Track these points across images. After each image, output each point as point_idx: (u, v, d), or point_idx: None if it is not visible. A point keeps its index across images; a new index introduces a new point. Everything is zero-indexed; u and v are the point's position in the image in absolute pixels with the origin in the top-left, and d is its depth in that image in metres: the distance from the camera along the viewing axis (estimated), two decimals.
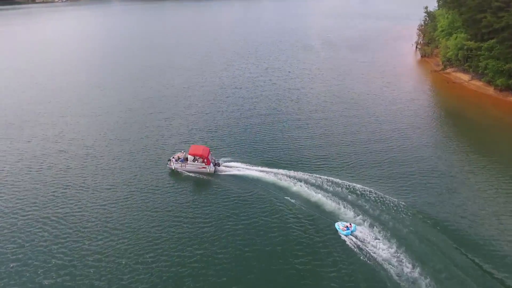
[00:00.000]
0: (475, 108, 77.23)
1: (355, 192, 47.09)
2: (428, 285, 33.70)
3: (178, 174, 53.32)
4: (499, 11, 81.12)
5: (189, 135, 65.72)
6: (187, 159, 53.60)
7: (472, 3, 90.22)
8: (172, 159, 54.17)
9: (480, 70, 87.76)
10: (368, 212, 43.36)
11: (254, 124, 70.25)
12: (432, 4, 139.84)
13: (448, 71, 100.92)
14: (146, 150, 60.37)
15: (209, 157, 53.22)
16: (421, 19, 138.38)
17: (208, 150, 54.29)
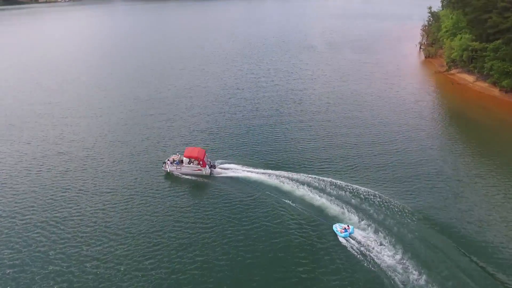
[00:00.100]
0: (481, 109, 76.14)
1: (359, 196, 46.17)
2: None
3: (173, 177, 52.47)
4: (505, 12, 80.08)
5: (190, 137, 64.91)
6: (182, 161, 52.79)
7: (478, 4, 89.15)
8: (167, 161, 53.31)
9: (485, 71, 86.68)
10: (373, 216, 42.44)
11: (255, 125, 69.40)
12: (435, 4, 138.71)
13: (453, 72, 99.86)
14: (146, 152, 59.59)
15: (204, 159, 52.39)
16: (424, 20, 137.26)
17: (204, 152, 53.44)
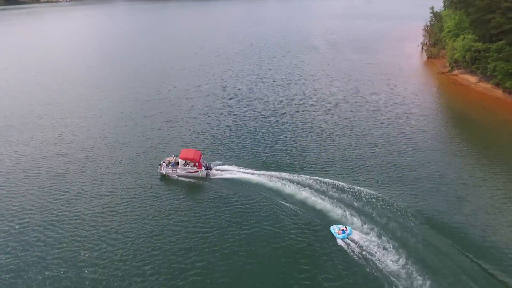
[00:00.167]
0: (484, 111, 75.34)
1: (361, 199, 45.40)
2: None
3: (169, 179, 51.82)
4: (508, 12, 79.17)
5: (190, 138, 64.29)
6: (178, 163, 52.19)
7: (481, 4, 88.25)
8: (162, 163, 52.68)
9: (488, 72, 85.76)
10: (375, 219, 41.70)
11: (256, 126, 68.76)
12: (437, 4, 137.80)
13: (455, 72, 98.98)
14: (146, 154, 58.97)
15: (200, 160, 51.76)
16: (426, 20, 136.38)
17: (200, 154, 52.83)
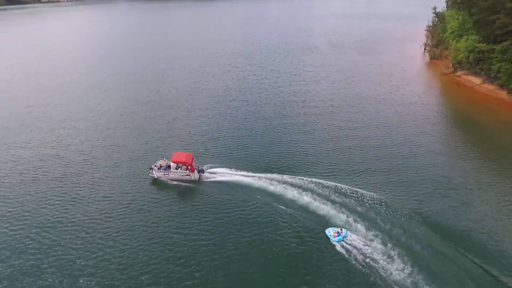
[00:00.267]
0: (488, 113, 74.15)
1: (364, 204, 44.34)
2: None
3: (161, 183, 50.67)
4: None
5: (190, 142, 63.22)
6: (169, 166, 51.18)
7: (485, 4, 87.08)
8: (154, 167, 51.62)
9: (492, 74, 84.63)
10: (379, 225, 40.66)
11: (256, 128, 67.77)
12: (439, 4, 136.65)
13: (459, 74, 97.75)
14: (147, 157, 57.83)
15: (193, 163, 50.78)
16: (429, 20, 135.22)
17: (192, 157, 51.78)
